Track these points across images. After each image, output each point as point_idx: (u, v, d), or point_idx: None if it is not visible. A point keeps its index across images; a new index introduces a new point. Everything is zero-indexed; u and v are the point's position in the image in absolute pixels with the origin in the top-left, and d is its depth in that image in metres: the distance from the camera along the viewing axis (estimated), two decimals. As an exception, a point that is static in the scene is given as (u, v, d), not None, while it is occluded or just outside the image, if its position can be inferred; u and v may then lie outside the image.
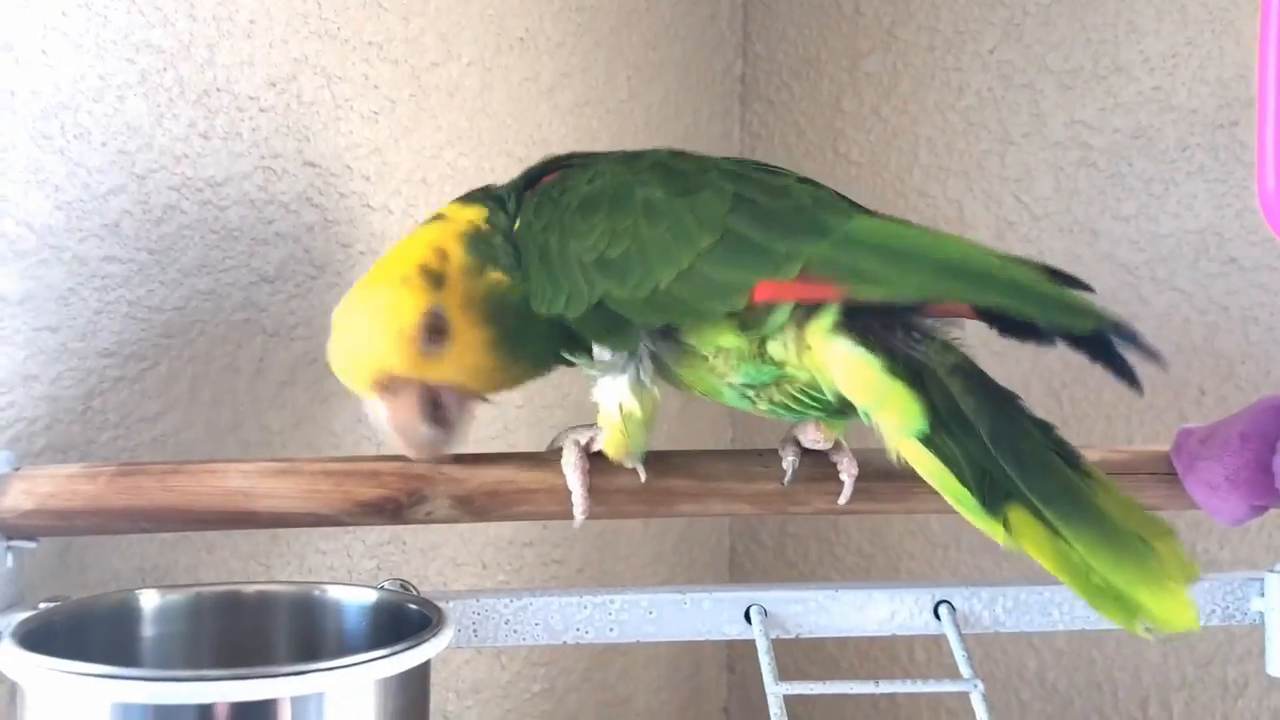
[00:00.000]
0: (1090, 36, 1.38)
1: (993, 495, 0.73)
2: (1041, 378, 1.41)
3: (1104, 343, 0.74)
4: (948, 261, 0.77)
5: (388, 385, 0.83)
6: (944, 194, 1.49)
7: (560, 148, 1.36)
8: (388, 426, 0.84)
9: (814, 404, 0.82)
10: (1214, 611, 0.97)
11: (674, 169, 0.83)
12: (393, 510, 0.86)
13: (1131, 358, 0.74)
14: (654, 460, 0.88)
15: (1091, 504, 0.73)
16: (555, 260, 0.82)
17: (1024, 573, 1.41)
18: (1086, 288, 0.77)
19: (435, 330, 0.83)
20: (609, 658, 1.47)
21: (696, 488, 0.90)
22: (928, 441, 0.75)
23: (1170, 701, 1.33)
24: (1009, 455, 0.74)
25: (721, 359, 0.81)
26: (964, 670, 0.88)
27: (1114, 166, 1.36)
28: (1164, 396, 1.33)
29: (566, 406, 1.35)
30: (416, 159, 1.20)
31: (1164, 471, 0.92)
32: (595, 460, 0.87)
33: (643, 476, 0.88)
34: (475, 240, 0.87)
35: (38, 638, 0.70)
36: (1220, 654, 1.30)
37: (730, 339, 0.79)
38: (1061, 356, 1.39)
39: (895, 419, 0.76)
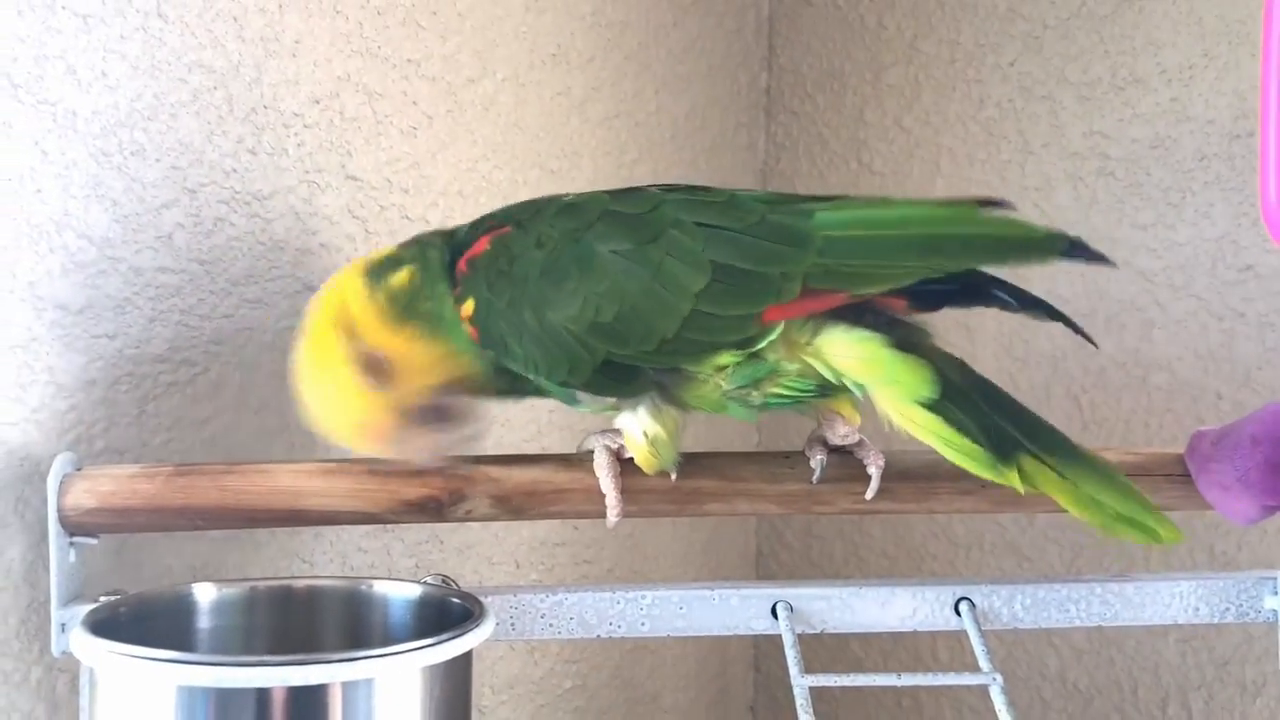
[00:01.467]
0: (1108, 49, 1.40)
1: (1002, 448, 0.79)
2: (1062, 382, 1.43)
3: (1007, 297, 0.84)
4: (926, 238, 0.81)
5: (385, 431, 0.86)
6: (965, 203, 1.52)
7: (591, 159, 1.41)
8: (401, 455, 0.88)
9: (805, 390, 0.84)
10: (1228, 610, 1.00)
11: (625, 215, 0.82)
12: (435, 509, 0.90)
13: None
14: (683, 462, 0.91)
15: (1084, 452, 0.82)
16: (541, 335, 0.82)
17: (1044, 571, 1.45)
18: (1007, 205, 0.83)
19: (375, 370, 0.84)
20: (639, 655, 1.51)
21: (724, 488, 0.93)
22: (934, 406, 0.80)
23: (1189, 700, 1.35)
24: (1004, 415, 0.81)
25: (717, 374, 0.83)
26: (983, 665, 0.91)
27: (1132, 176, 1.39)
28: (1181, 401, 1.35)
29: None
30: (453, 172, 1.24)
31: (1178, 473, 0.95)
32: (625, 463, 0.91)
33: (673, 477, 0.91)
34: (372, 268, 0.88)
35: (105, 627, 0.75)
36: (1239, 654, 1.32)
37: (728, 358, 0.82)
38: (1081, 363, 1.42)
39: (904, 389, 0.80)
